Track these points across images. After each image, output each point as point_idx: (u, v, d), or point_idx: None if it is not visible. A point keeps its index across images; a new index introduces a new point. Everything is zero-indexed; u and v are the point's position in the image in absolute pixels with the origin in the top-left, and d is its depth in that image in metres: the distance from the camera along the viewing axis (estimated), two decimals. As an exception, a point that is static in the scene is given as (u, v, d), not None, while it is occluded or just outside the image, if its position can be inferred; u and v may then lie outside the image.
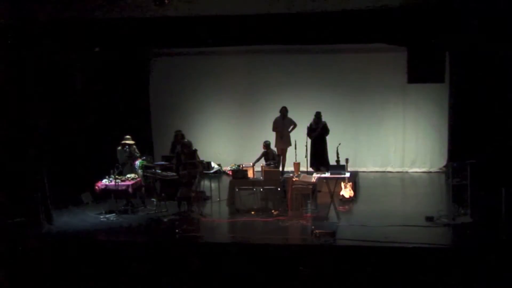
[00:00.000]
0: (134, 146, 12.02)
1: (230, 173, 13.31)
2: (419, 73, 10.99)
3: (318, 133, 13.50)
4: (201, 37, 12.00)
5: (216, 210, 11.71)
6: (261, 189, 11.56)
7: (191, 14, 11.07)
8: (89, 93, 13.02)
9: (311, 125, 13.58)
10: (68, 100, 12.49)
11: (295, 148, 12.92)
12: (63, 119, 12.36)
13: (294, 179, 11.39)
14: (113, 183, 11.20)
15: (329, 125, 13.60)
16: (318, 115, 13.54)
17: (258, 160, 12.96)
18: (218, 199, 12.21)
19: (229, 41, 12.62)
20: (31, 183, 11.33)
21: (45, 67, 11.84)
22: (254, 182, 11.74)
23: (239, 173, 11.81)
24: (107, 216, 11.07)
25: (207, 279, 8.60)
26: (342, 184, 11.86)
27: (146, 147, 13.68)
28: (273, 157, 12.80)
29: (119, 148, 11.93)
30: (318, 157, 13.45)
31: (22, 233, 10.07)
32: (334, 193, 11.04)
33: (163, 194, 11.59)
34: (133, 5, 10.19)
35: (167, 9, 10.11)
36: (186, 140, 11.82)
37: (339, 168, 11.36)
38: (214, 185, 13.01)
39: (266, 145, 12.90)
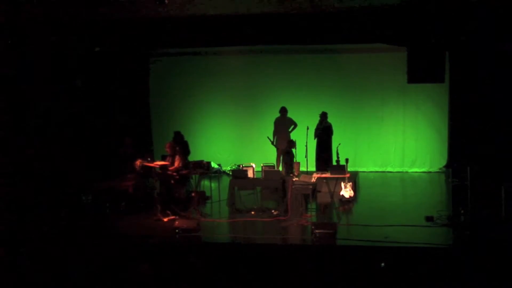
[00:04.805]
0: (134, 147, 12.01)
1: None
2: (419, 73, 10.98)
3: (317, 133, 13.50)
4: (201, 37, 12.00)
5: (216, 210, 11.71)
6: (261, 189, 11.55)
7: (191, 14, 11.06)
8: (89, 93, 13.01)
9: (317, 125, 13.59)
10: (68, 100, 12.49)
11: (295, 148, 12.89)
12: (62, 119, 12.37)
13: (294, 179, 11.38)
14: (113, 182, 11.20)
15: (329, 125, 13.59)
16: (321, 116, 13.53)
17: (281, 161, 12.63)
18: (218, 199, 12.23)
19: (229, 41, 12.62)
20: (32, 184, 11.35)
21: (45, 66, 11.85)
22: (254, 182, 11.75)
23: (239, 173, 11.81)
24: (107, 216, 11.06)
25: (207, 279, 8.60)
26: (342, 184, 11.85)
27: (146, 147, 13.68)
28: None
29: (119, 148, 11.91)
30: (321, 159, 13.44)
31: (22, 233, 10.07)
32: (334, 193, 11.04)
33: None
34: (133, 5, 10.18)
35: (167, 9, 10.10)
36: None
37: (339, 168, 11.35)
38: (214, 185, 13.02)
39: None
